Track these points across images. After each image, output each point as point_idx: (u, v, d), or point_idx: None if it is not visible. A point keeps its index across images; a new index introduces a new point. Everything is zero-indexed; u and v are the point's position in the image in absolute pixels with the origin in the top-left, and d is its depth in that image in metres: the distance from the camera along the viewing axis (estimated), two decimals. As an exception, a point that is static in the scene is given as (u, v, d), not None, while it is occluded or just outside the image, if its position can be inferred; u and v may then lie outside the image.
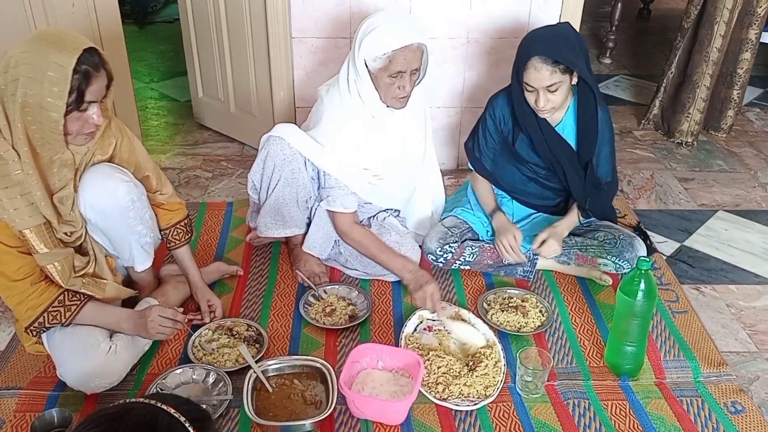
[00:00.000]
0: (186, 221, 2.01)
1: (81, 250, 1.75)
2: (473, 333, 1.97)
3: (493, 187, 2.30)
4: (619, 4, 3.38)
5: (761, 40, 3.16)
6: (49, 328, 1.68)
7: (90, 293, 1.72)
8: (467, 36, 2.67)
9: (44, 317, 1.65)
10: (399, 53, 1.93)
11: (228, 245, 2.38)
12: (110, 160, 1.77)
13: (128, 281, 1.99)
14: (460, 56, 2.71)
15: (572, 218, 2.18)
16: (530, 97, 2.02)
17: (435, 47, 2.67)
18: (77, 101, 1.51)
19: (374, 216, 2.29)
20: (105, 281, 1.78)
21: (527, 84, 1.99)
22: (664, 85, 3.33)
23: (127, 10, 4.62)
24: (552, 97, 1.99)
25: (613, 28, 3.41)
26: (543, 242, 2.08)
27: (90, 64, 1.50)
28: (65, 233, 1.67)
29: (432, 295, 1.99)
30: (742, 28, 3.08)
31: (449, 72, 2.74)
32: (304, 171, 2.08)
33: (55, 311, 1.65)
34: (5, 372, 1.81)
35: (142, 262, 1.93)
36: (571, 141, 2.11)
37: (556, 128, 2.10)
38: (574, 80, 2.00)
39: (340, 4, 2.58)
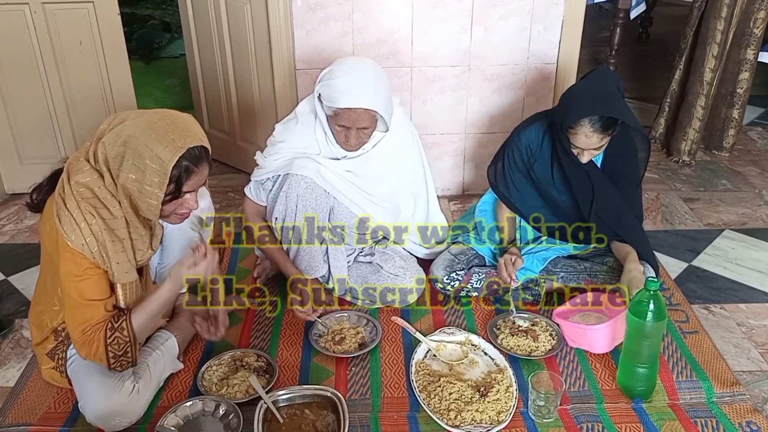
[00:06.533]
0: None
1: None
2: (455, 349, 2.00)
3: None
4: (618, 29, 3.42)
5: (759, 60, 3.20)
6: (126, 356, 1.64)
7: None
8: (469, 63, 2.71)
9: (110, 350, 1.62)
10: (344, 112, 1.96)
11: (236, 276, 2.39)
12: None
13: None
14: (462, 83, 2.74)
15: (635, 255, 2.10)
16: (573, 151, 2.02)
17: (437, 75, 2.72)
18: (175, 192, 1.57)
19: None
20: None
21: (573, 144, 1.98)
22: (668, 102, 3.36)
23: (133, 46, 4.71)
24: (597, 152, 2.01)
25: (613, 52, 3.44)
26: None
27: (191, 159, 1.55)
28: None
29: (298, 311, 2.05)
30: (740, 48, 3.12)
31: (452, 99, 2.77)
32: (324, 196, 2.10)
33: (112, 340, 1.62)
34: (15, 408, 1.81)
35: None
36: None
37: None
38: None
39: (343, 36, 2.62)
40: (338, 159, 2.12)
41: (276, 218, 2.11)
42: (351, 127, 2.00)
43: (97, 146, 1.55)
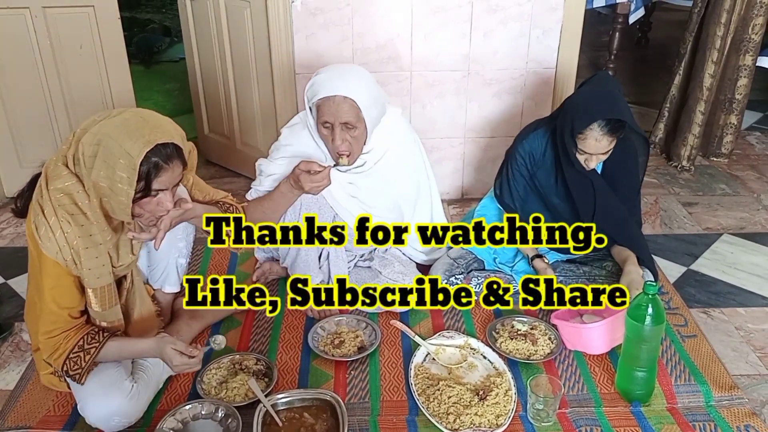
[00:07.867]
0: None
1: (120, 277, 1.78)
2: (454, 353, 1.99)
3: None
4: (617, 34, 3.44)
5: (757, 64, 3.21)
6: (72, 375, 1.64)
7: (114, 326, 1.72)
8: (468, 68, 2.72)
9: (66, 364, 1.63)
10: (324, 102, 1.95)
11: (236, 279, 2.39)
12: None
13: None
14: (461, 88, 2.75)
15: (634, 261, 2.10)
16: (580, 157, 2.03)
17: (437, 80, 2.73)
18: (145, 189, 1.55)
19: (375, 248, 2.30)
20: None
21: (581, 149, 1.99)
22: (667, 108, 3.37)
23: (133, 50, 4.72)
24: (603, 157, 2.02)
25: (612, 57, 3.46)
26: None
27: (161, 156, 1.53)
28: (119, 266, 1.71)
29: None
30: (738, 54, 3.12)
31: (451, 104, 2.78)
32: (326, 205, 2.10)
33: (75, 356, 1.63)
34: (15, 411, 1.81)
35: (172, 284, 1.99)
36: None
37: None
38: None
39: (343, 41, 2.63)
40: (341, 171, 2.12)
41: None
42: (334, 123, 1.96)
43: (77, 148, 1.54)
